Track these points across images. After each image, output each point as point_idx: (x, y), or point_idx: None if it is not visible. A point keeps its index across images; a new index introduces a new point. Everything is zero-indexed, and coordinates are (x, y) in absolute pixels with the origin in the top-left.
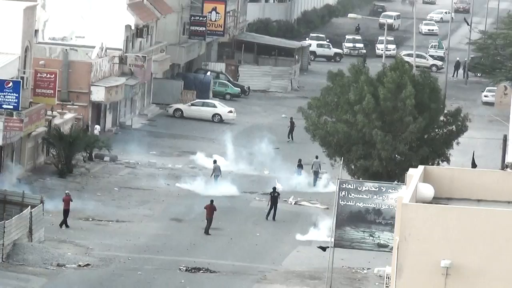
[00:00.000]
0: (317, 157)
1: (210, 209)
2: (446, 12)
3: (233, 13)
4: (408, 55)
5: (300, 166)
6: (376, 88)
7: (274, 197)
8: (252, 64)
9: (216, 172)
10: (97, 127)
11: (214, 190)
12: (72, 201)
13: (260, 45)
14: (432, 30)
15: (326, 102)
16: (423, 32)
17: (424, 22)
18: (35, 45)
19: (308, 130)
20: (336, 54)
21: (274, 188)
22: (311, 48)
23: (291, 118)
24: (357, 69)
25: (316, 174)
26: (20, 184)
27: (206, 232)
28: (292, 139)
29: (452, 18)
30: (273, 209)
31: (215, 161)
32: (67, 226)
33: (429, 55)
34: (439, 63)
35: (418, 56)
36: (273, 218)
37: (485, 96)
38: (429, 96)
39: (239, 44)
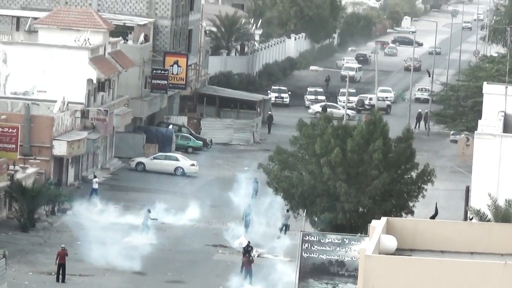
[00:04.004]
0: (287, 211)
1: (248, 261)
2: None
3: (194, 66)
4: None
5: (247, 214)
6: (344, 140)
7: (247, 251)
8: (214, 117)
9: (146, 220)
10: (96, 179)
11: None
12: (67, 255)
13: (222, 98)
14: (387, 97)
15: (291, 153)
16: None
17: (380, 88)
18: None
19: (270, 185)
20: (388, 106)
21: (249, 243)
22: (373, 101)
23: (255, 179)
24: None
25: (286, 227)
26: None
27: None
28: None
29: (412, 68)
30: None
31: (149, 210)
32: (63, 281)
33: (415, 98)
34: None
35: None
36: None
37: (452, 134)
38: (403, 151)
39: (201, 97)
